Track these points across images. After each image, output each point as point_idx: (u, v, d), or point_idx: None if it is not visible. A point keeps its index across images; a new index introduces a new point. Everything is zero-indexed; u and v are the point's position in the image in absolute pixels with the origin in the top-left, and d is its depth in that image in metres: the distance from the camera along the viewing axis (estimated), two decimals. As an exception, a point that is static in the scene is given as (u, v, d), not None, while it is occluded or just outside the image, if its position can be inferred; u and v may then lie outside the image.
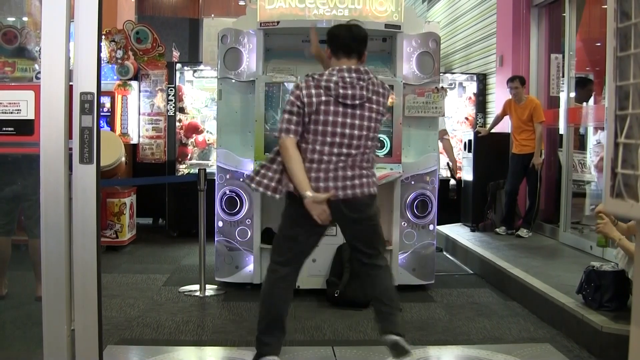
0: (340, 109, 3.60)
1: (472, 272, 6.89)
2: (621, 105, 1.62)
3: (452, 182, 8.75)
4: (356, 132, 3.63)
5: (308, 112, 3.58)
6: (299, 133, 3.62)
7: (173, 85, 8.67)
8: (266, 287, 3.84)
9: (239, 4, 16.36)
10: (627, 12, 1.57)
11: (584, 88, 7.69)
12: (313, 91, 3.58)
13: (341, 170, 3.63)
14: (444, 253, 7.71)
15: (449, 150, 7.89)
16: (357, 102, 3.61)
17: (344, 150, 3.63)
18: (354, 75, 3.63)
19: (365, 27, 5.60)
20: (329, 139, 3.62)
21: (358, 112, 3.63)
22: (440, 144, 7.41)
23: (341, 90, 3.58)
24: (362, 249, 3.87)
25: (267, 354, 3.76)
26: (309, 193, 3.54)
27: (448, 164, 8.17)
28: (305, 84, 3.63)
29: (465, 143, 8.82)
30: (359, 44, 3.74)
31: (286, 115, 3.62)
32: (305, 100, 3.57)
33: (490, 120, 9.22)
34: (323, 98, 3.58)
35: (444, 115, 6.23)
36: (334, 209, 3.65)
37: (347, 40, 3.72)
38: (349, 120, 3.61)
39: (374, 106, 3.68)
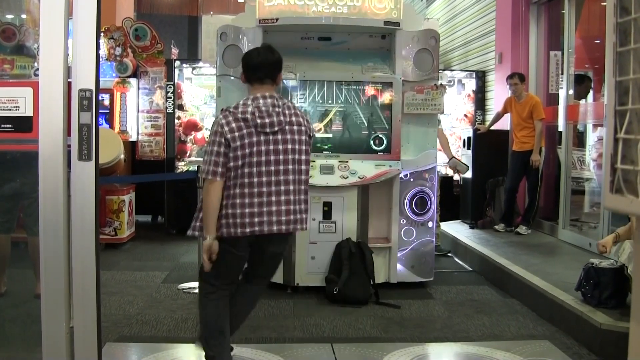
0: (262, 137, 3.52)
1: (471, 269, 6.89)
2: (621, 101, 1.62)
3: (456, 177, 8.62)
4: (281, 157, 3.55)
5: (233, 147, 3.48)
6: (225, 174, 3.52)
7: (172, 83, 8.66)
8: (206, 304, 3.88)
9: (238, 1, 16.32)
10: (627, 8, 1.57)
11: (582, 85, 7.69)
12: (234, 125, 3.50)
13: (275, 205, 3.54)
14: (451, 256, 7.62)
15: (445, 144, 7.69)
16: (277, 128, 3.54)
17: (279, 179, 3.55)
18: (268, 101, 3.57)
19: (364, 24, 5.67)
20: (257, 169, 3.52)
21: (280, 137, 3.55)
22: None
23: (259, 120, 3.51)
24: (261, 275, 3.92)
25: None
26: (211, 236, 3.51)
27: (456, 166, 7.83)
28: (224, 119, 3.53)
29: (464, 140, 8.82)
30: (271, 69, 3.67)
31: (212, 157, 3.50)
32: (229, 136, 3.48)
33: (489, 117, 9.22)
34: (245, 131, 3.50)
35: (442, 113, 6.22)
36: (257, 243, 3.63)
37: (258, 66, 3.66)
38: (272, 147, 3.53)
39: (295, 127, 3.60)
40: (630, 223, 4.55)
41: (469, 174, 8.41)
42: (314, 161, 5.66)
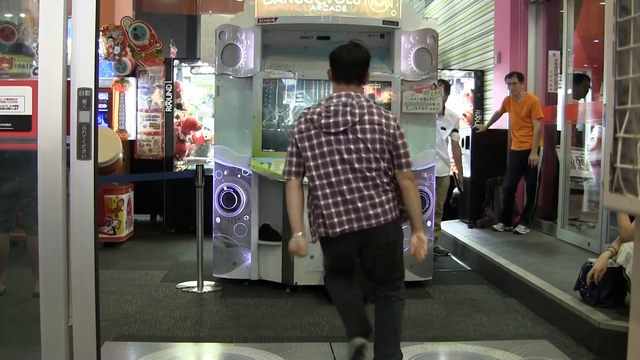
0: (328, 137, 3.53)
1: (469, 268, 6.90)
2: (620, 100, 1.62)
3: (456, 190, 8.37)
4: (352, 156, 3.51)
5: (302, 148, 3.56)
6: (301, 173, 3.63)
7: (171, 82, 8.65)
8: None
9: (237, 0, 16.32)
10: (627, 7, 1.57)
11: (581, 84, 7.69)
12: (302, 126, 3.57)
13: (350, 204, 3.52)
14: (449, 255, 7.59)
15: (458, 159, 7.72)
16: (341, 128, 3.51)
17: (343, 179, 3.53)
18: (341, 100, 3.56)
19: (363, 23, 5.67)
20: (318, 172, 3.55)
21: (349, 136, 3.51)
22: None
23: (323, 121, 3.52)
24: (377, 277, 3.80)
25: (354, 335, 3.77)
26: (297, 234, 3.62)
27: (455, 174, 7.89)
28: (297, 120, 3.65)
29: (463, 140, 8.82)
30: (359, 69, 3.66)
31: (287, 157, 3.65)
32: (297, 137, 3.57)
33: (488, 116, 9.23)
34: (312, 132, 3.54)
35: (440, 112, 6.23)
36: (348, 241, 3.61)
37: (347, 66, 3.64)
38: (336, 147, 3.52)
39: (368, 126, 3.52)
40: (618, 236, 4.60)
41: (467, 174, 8.41)
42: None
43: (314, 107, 3.63)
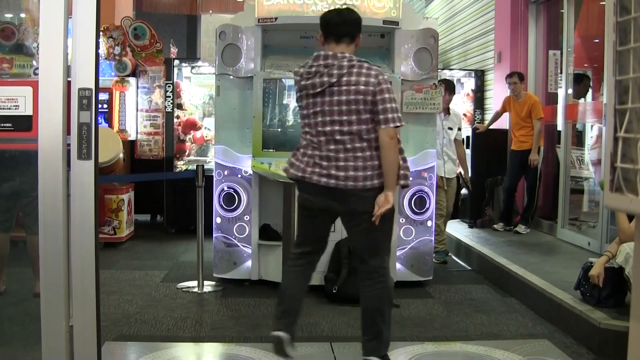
0: (309, 100, 3.60)
1: (470, 268, 6.90)
2: (621, 100, 1.62)
3: (464, 191, 8.27)
4: (324, 118, 3.55)
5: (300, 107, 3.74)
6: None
7: (171, 82, 8.65)
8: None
9: (237, 0, 16.32)
10: (627, 7, 1.57)
11: (581, 84, 7.69)
12: (295, 86, 3.74)
13: (324, 160, 3.56)
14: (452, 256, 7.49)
15: (462, 159, 7.53)
16: (319, 89, 3.54)
17: (322, 140, 3.57)
18: (322, 62, 3.57)
19: (363, 23, 5.64)
20: (309, 130, 3.65)
21: (326, 98, 3.54)
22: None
23: (303, 82, 3.60)
24: (355, 250, 3.83)
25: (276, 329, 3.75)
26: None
27: (461, 174, 7.59)
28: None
29: (463, 139, 8.82)
30: (350, 26, 3.68)
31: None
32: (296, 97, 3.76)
33: (488, 116, 9.23)
34: (297, 94, 3.69)
35: (440, 111, 6.22)
36: (313, 193, 3.63)
37: (337, 24, 3.68)
38: (314, 109, 3.58)
39: (344, 88, 3.51)
40: (617, 238, 4.60)
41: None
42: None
43: (304, 64, 3.69)
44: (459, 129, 7.36)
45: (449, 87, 7.09)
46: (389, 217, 3.61)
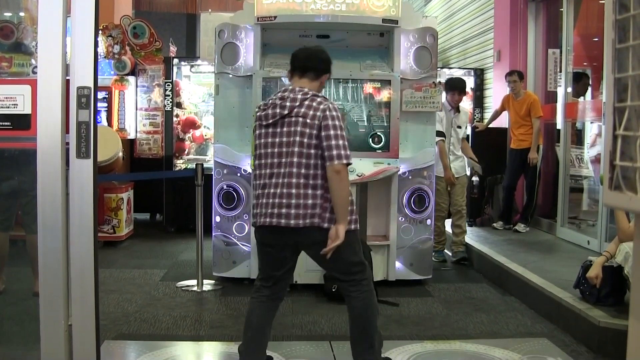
0: (262, 130, 3.58)
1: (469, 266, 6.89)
2: (620, 98, 1.62)
3: (475, 179, 8.07)
4: (275, 150, 3.51)
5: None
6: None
7: (170, 81, 8.64)
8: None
9: (236, -1, 16.31)
10: (626, 4, 1.57)
11: (580, 82, 7.69)
12: (254, 117, 3.72)
13: (270, 197, 3.48)
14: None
15: (467, 149, 7.31)
16: (270, 121, 3.52)
17: (272, 172, 3.51)
18: (279, 94, 3.59)
19: (363, 21, 5.67)
20: (257, 162, 3.60)
21: (278, 129, 3.52)
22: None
23: (259, 113, 3.61)
24: (331, 274, 3.84)
25: None
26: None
27: (472, 167, 7.53)
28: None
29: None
30: (316, 61, 3.69)
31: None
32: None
33: (487, 115, 9.23)
34: (256, 123, 3.65)
35: (440, 110, 6.21)
36: (275, 235, 3.53)
37: (303, 58, 3.70)
38: (265, 140, 3.56)
39: (294, 119, 3.47)
40: (615, 238, 4.60)
41: (467, 172, 8.40)
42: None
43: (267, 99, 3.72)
44: (466, 127, 7.33)
45: (460, 87, 7.00)
46: (347, 241, 3.48)
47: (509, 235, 7.62)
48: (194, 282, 5.82)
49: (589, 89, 7.87)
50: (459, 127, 7.02)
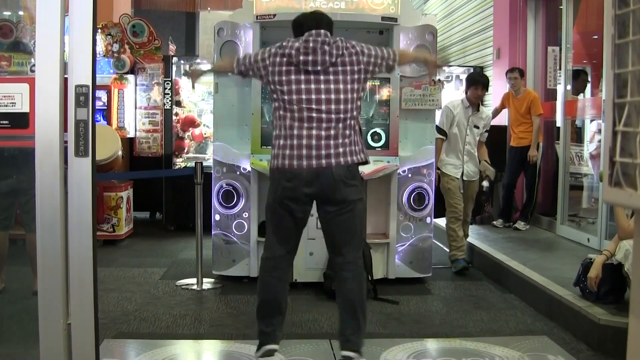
0: (303, 76, 3.55)
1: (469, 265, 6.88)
2: (619, 94, 1.61)
3: (485, 183, 7.64)
4: (323, 96, 3.53)
5: (277, 81, 3.61)
6: (242, 71, 3.87)
7: (169, 79, 8.63)
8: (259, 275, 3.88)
9: (235, -3, 16.30)
10: None
11: (579, 79, 7.69)
12: (278, 59, 3.63)
13: (313, 139, 3.51)
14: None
15: (483, 153, 6.86)
16: (319, 67, 3.53)
17: (314, 118, 3.53)
18: (319, 39, 3.58)
19: (362, 19, 5.66)
20: (295, 107, 3.55)
21: (323, 77, 3.54)
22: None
23: (302, 57, 3.55)
24: (329, 244, 3.78)
25: (266, 342, 3.77)
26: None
27: (484, 171, 6.90)
28: (271, 49, 3.71)
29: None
30: (328, 24, 3.74)
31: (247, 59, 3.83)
32: (270, 68, 3.64)
33: (487, 113, 9.21)
34: (285, 68, 3.58)
35: (440, 108, 6.19)
36: (298, 182, 3.56)
37: (311, 18, 3.76)
38: (313, 86, 3.54)
39: (345, 68, 3.57)
40: (615, 236, 4.59)
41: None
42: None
43: (292, 41, 3.65)
44: (486, 131, 6.80)
45: (483, 81, 6.58)
46: (364, 207, 3.69)
47: (509, 233, 7.62)
48: (193, 280, 5.81)
49: (589, 86, 7.87)
50: (476, 126, 6.58)
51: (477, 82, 6.53)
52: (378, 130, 5.78)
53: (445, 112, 6.49)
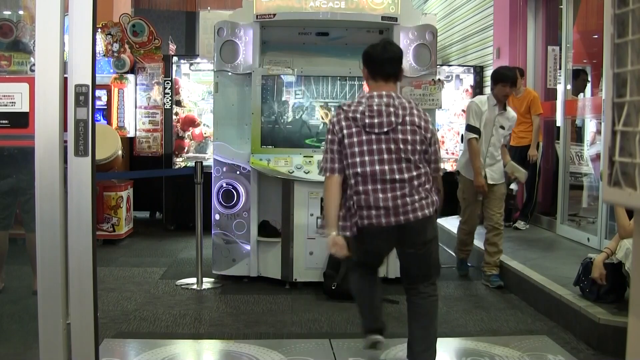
0: (370, 137, 3.55)
1: (469, 264, 6.87)
2: (619, 93, 1.61)
3: (513, 186, 7.05)
4: (393, 156, 3.55)
5: (348, 144, 3.59)
6: (342, 170, 3.63)
7: (169, 79, 8.63)
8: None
9: (236, -4, 16.29)
10: (625, -1, 1.56)
11: (579, 79, 7.69)
12: (344, 124, 3.60)
13: (392, 200, 3.54)
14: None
15: (504, 153, 6.20)
16: (386, 129, 3.54)
17: (381, 178, 3.54)
18: (384, 101, 3.59)
19: (362, 19, 5.66)
20: (372, 168, 3.55)
21: (391, 136, 3.54)
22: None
23: (367, 120, 3.55)
24: (415, 274, 3.84)
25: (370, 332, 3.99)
26: (333, 233, 3.58)
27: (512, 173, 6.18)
28: (336, 117, 3.66)
29: (462, 135, 8.80)
30: (396, 65, 3.72)
31: (328, 154, 3.65)
32: (340, 134, 3.60)
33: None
34: (353, 129, 3.57)
35: (440, 108, 6.18)
36: (386, 235, 3.63)
37: (384, 62, 3.68)
38: (384, 146, 3.55)
39: (409, 127, 3.56)
40: (616, 235, 4.59)
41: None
42: (312, 157, 5.65)
43: (353, 104, 3.64)
44: (509, 132, 6.21)
45: (512, 78, 5.90)
46: (437, 240, 3.87)
47: (509, 232, 7.60)
48: (193, 280, 5.81)
49: (589, 85, 7.86)
50: (502, 127, 5.93)
51: (506, 78, 5.83)
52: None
53: (473, 109, 5.89)
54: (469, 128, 5.86)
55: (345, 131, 3.57)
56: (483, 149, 5.85)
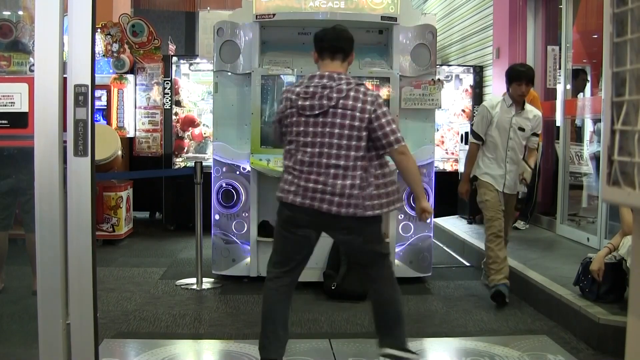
0: (302, 119, 3.56)
1: (469, 264, 6.88)
2: (618, 92, 1.61)
3: (523, 188, 6.03)
4: (315, 139, 3.52)
5: (285, 124, 3.67)
6: (282, 140, 3.76)
7: (169, 79, 8.64)
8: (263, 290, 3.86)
9: (235, -4, 16.26)
10: (624, -2, 1.56)
11: (578, 78, 7.68)
12: (282, 105, 3.69)
13: (311, 182, 3.51)
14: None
15: (533, 157, 5.77)
16: (316, 112, 3.52)
17: (313, 161, 3.52)
18: (322, 81, 3.57)
19: (361, 19, 5.66)
20: (294, 147, 3.59)
21: (323, 119, 3.52)
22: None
23: (300, 102, 3.57)
24: (354, 260, 3.85)
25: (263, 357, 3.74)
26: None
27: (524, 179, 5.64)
28: (281, 96, 3.75)
29: (462, 135, 8.81)
30: (345, 42, 3.72)
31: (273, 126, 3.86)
32: (280, 114, 3.72)
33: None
34: (289, 111, 3.62)
35: (440, 108, 6.18)
36: (303, 215, 3.56)
37: (331, 40, 3.70)
38: (305, 129, 3.55)
39: (340, 111, 3.51)
40: (620, 230, 4.59)
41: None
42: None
43: (297, 84, 3.70)
44: (536, 135, 5.65)
45: (527, 76, 5.49)
46: (379, 227, 3.72)
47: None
48: (193, 280, 5.81)
49: (588, 85, 7.86)
50: (521, 129, 5.49)
51: (520, 76, 5.43)
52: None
53: (481, 113, 5.63)
54: (472, 132, 5.78)
55: (286, 111, 3.64)
56: (501, 154, 5.48)
